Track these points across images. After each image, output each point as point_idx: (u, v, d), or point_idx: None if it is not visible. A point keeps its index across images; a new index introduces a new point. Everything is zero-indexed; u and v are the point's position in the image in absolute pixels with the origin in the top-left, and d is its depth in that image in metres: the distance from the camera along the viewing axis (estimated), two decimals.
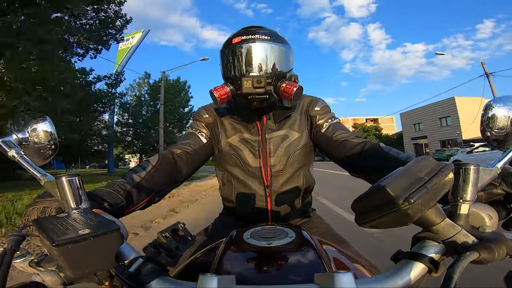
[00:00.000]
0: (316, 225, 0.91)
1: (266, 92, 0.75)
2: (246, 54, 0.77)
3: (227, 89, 0.77)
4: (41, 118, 0.56)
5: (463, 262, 0.29)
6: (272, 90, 0.76)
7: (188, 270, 0.55)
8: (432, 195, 0.30)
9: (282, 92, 0.77)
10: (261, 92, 0.74)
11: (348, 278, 0.30)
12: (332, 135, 0.85)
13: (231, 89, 0.77)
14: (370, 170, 0.75)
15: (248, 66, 0.77)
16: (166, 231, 0.35)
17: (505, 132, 0.49)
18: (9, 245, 0.36)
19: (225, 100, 0.77)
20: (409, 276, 0.33)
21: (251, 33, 0.78)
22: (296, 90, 0.75)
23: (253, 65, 0.77)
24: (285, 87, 0.76)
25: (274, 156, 0.87)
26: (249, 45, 0.77)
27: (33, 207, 0.48)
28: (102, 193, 0.59)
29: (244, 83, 0.73)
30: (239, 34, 0.79)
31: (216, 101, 0.76)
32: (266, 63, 0.77)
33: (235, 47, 0.78)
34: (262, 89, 0.74)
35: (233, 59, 0.79)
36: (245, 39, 0.77)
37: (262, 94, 0.75)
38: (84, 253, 0.31)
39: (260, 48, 0.77)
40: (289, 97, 0.76)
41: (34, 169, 0.49)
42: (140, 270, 0.33)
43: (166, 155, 0.81)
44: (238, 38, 0.78)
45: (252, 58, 0.77)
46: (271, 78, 0.77)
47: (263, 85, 0.73)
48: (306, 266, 0.48)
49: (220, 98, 0.76)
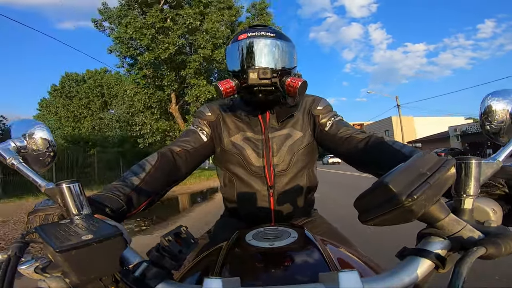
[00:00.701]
0: (318, 224, 0.90)
1: (271, 84, 0.76)
2: (252, 49, 0.79)
3: (232, 83, 0.78)
4: (37, 124, 0.55)
5: (470, 257, 0.29)
6: (277, 83, 0.77)
7: (192, 273, 0.55)
8: (435, 191, 0.30)
9: (287, 87, 0.77)
10: (267, 84, 0.75)
11: (354, 276, 0.30)
12: (336, 133, 0.85)
13: (236, 83, 0.78)
14: (376, 165, 0.75)
15: (254, 60, 0.79)
16: (169, 234, 0.35)
17: (504, 125, 0.49)
18: (13, 252, 0.36)
19: (230, 93, 0.78)
20: (416, 273, 0.33)
21: (257, 31, 0.81)
22: (301, 84, 0.75)
23: (258, 59, 0.79)
24: (290, 81, 0.77)
25: (277, 155, 0.87)
26: (255, 40, 0.79)
27: (35, 215, 0.48)
28: (102, 199, 0.58)
29: (250, 74, 0.75)
30: (245, 32, 0.82)
31: (221, 94, 0.77)
32: (271, 58, 0.80)
33: (241, 43, 0.80)
34: (268, 80, 0.75)
35: (239, 54, 0.81)
36: (251, 36, 0.80)
37: (267, 85, 0.76)
38: (88, 258, 0.31)
39: (265, 44, 0.80)
40: (294, 91, 0.76)
41: (33, 176, 0.48)
42: (145, 274, 0.33)
43: (165, 154, 0.80)
44: (244, 35, 0.81)
45: (258, 53, 0.79)
46: (276, 72, 0.79)
47: (269, 77, 0.75)
48: (310, 265, 0.48)
49: (225, 91, 0.77)
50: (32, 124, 0.55)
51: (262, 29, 0.82)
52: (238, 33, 0.84)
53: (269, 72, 0.75)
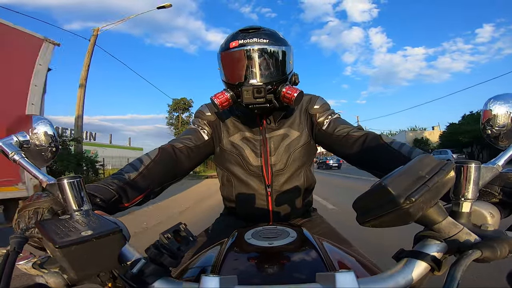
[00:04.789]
0: (317, 224, 0.91)
1: (266, 101, 0.75)
2: (245, 61, 0.77)
3: (228, 96, 0.77)
4: (41, 120, 0.55)
5: (465, 260, 0.29)
6: (272, 98, 0.76)
7: (190, 271, 0.55)
8: (433, 194, 0.30)
9: (282, 98, 0.77)
10: (261, 102, 0.75)
11: (350, 277, 0.30)
12: (333, 132, 0.85)
13: (232, 95, 0.78)
14: (374, 164, 0.75)
15: (248, 73, 0.77)
16: (168, 232, 0.35)
17: (505, 130, 0.49)
18: (12, 247, 0.36)
19: (226, 106, 0.78)
20: (411, 275, 0.33)
21: (249, 37, 0.77)
22: (296, 96, 0.75)
23: (252, 72, 0.77)
24: (285, 92, 0.76)
25: (274, 155, 0.87)
26: (247, 50, 0.76)
27: (24, 210, 0.48)
28: (92, 189, 0.57)
29: (244, 93, 0.74)
30: (237, 37, 0.78)
31: (218, 107, 0.77)
32: (265, 69, 0.77)
33: (233, 53, 0.77)
34: (263, 99, 0.74)
35: (232, 65, 0.79)
36: (242, 43, 0.76)
37: (262, 103, 0.75)
38: (87, 254, 0.31)
39: (259, 54, 0.76)
40: (290, 102, 0.76)
41: (35, 171, 0.49)
42: (143, 271, 0.33)
43: (166, 149, 0.80)
44: (236, 42, 0.77)
45: (251, 65, 0.77)
46: (271, 84, 0.77)
47: (263, 95, 0.74)
48: (307, 265, 0.48)
49: (221, 105, 0.77)
50: (36, 119, 0.55)
51: (254, 35, 0.77)
52: (228, 39, 0.80)
53: (264, 90, 0.73)
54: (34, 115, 0.56)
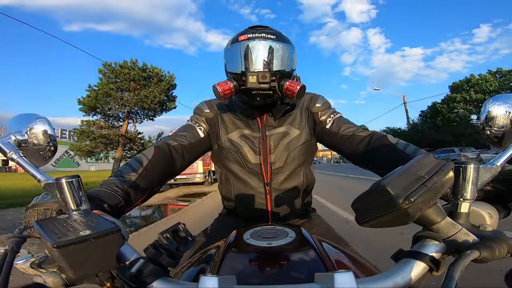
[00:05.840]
0: (316, 224, 0.90)
1: (270, 88, 0.76)
2: (252, 51, 0.78)
3: (231, 85, 0.77)
4: (39, 119, 0.55)
5: (464, 260, 0.29)
6: (276, 87, 0.77)
7: (189, 271, 0.55)
8: (432, 194, 0.30)
9: (285, 90, 0.77)
10: (265, 88, 0.75)
11: (349, 277, 0.30)
12: (338, 131, 0.85)
13: (235, 85, 0.78)
14: (379, 164, 0.75)
15: (254, 63, 0.78)
16: (167, 231, 0.35)
17: (504, 130, 0.49)
18: (10, 246, 0.36)
19: (228, 95, 0.78)
20: (410, 275, 0.33)
21: (258, 32, 0.80)
22: (299, 89, 0.75)
23: (258, 62, 0.78)
24: (288, 85, 0.77)
25: (274, 153, 0.87)
26: (255, 42, 0.78)
27: (33, 209, 0.48)
28: (101, 195, 0.59)
29: (249, 77, 0.74)
30: (246, 32, 0.81)
31: (219, 95, 0.77)
32: (271, 61, 0.79)
33: (241, 44, 0.79)
34: (267, 84, 0.75)
35: (238, 55, 0.80)
36: (251, 37, 0.79)
37: (266, 89, 0.76)
38: (85, 254, 0.31)
39: (265, 46, 0.79)
40: (292, 95, 0.76)
41: (33, 170, 0.48)
42: (142, 271, 0.33)
43: (162, 148, 0.80)
44: (245, 36, 0.80)
45: (257, 55, 0.78)
46: (275, 76, 0.78)
47: (268, 81, 0.74)
48: (306, 265, 0.48)
49: (223, 93, 0.77)
50: (34, 118, 0.55)
51: (262, 31, 0.81)
52: (238, 34, 0.83)
53: (268, 76, 0.74)
54: (33, 114, 0.56)
